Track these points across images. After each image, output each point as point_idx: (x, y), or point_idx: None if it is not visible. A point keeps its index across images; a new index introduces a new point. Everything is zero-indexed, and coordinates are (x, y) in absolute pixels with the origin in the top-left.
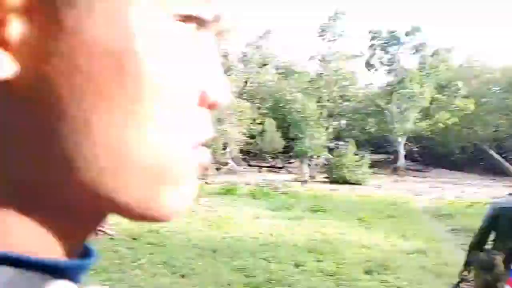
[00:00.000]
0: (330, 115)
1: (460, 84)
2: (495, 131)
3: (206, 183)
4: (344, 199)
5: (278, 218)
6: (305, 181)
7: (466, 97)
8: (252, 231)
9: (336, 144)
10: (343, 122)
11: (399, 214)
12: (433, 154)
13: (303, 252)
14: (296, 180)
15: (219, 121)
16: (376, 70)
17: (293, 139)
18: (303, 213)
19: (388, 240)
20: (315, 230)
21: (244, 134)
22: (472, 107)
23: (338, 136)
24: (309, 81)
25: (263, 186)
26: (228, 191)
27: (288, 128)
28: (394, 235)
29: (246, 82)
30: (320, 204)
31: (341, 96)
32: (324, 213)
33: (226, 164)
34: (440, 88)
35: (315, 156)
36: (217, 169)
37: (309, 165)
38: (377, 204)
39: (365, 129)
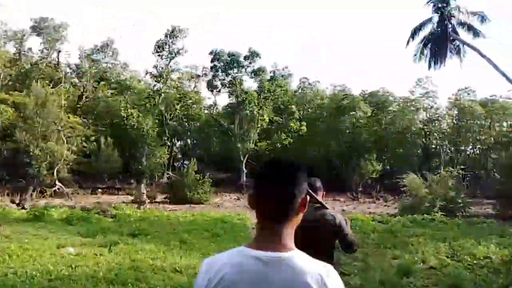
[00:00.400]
0: (174, 134)
1: (294, 108)
2: (326, 151)
3: (23, 208)
4: (176, 220)
5: (88, 245)
6: (143, 202)
7: (300, 120)
8: (48, 264)
9: (182, 163)
10: (188, 141)
11: (227, 232)
12: None
13: (101, 284)
14: (134, 202)
15: (44, 138)
16: (219, 91)
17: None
18: (121, 238)
19: None
20: (126, 257)
21: (76, 152)
22: (305, 129)
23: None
24: (146, 97)
25: (88, 210)
26: (38, 217)
27: (128, 147)
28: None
29: (80, 96)
30: (144, 227)
31: (185, 115)
32: (145, 236)
33: (53, 185)
34: (278, 111)
35: (157, 176)
36: (41, 192)
37: (151, 184)
38: (209, 223)
39: (210, 149)
